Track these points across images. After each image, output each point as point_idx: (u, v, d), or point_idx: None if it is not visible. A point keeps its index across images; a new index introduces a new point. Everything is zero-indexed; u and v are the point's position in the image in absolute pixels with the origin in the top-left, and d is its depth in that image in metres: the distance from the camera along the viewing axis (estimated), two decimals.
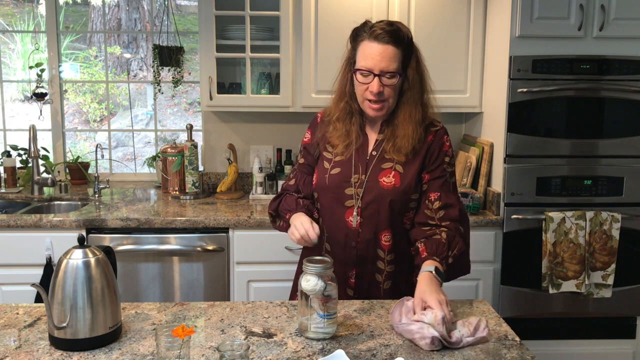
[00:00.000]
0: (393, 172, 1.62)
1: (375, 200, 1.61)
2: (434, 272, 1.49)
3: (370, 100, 1.59)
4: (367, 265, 1.65)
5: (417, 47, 1.62)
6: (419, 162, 1.64)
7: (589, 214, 2.51)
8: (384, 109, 1.61)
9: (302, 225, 1.56)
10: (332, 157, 1.68)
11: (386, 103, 1.59)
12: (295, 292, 1.78)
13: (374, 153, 1.66)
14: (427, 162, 1.65)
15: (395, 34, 1.55)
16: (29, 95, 3.29)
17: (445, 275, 1.54)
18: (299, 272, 1.75)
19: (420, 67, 1.63)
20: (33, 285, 1.29)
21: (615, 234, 2.53)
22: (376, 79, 1.55)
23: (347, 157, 1.66)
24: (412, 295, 1.63)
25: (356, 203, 1.62)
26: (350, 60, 1.64)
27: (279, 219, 1.78)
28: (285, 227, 1.71)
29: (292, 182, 1.78)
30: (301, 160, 1.78)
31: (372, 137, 1.68)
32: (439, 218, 1.62)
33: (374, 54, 1.54)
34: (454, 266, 1.61)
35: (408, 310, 1.40)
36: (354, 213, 1.62)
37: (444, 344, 1.30)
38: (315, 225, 1.56)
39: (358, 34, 1.60)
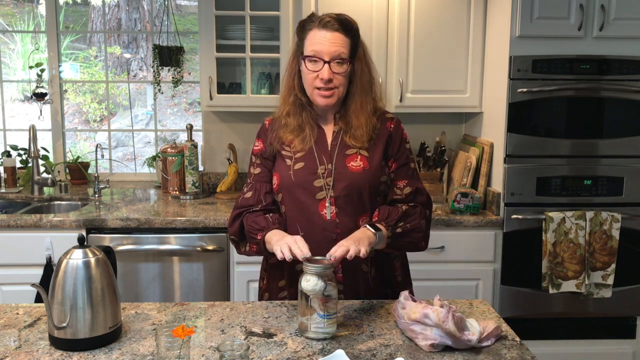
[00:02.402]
0: (359, 157, 1.62)
1: (347, 186, 1.58)
2: (368, 226, 1.52)
3: (320, 88, 1.58)
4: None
5: (362, 40, 1.64)
6: (382, 147, 1.64)
7: (589, 214, 2.51)
8: (334, 96, 1.59)
9: (296, 243, 1.44)
10: (292, 155, 1.64)
11: (336, 91, 1.59)
12: (261, 297, 1.76)
13: (334, 142, 1.64)
14: (390, 149, 1.66)
15: (343, 22, 1.57)
16: (29, 95, 3.29)
17: (387, 239, 1.54)
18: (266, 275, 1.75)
19: (367, 58, 1.65)
20: (33, 285, 1.29)
21: (615, 234, 2.53)
22: (326, 65, 1.55)
23: (307, 151, 1.63)
24: (399, 282, 1.72)
25: (328, 193, 1.59)
26: (297, 52, 1.63)
27: (243, 243, 1.66)
28: (255, 252, 1.61)
29: (249, 194, 1.66)
30: (257, 171, 1.69)
31: (328, 129, 1.67)
32: (408, 201, 1.65)
33: (324, 41, 1.55)
34: (403, 236, 1.60)
35: (406, 297, 1.41)
36: (327, 204, 1.58)
37: (447, 345, 1.30)
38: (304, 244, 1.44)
39: (305, 25, 1.60)
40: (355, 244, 1.42)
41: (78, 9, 4.70)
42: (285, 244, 1.43)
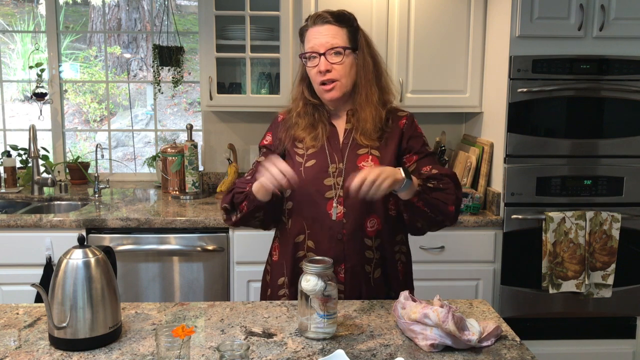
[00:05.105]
0: (370, 157, 1.61)
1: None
2: (401, 168, 1.47)
3: (322, 83, 1.59)
4: (355, 257, 1.61)
5: (366, 33, 1.65)
6: (394, 147, 1.63)
7: (589, 214, 2.51)
8: (337, 89, 1.60)
9: (274, 165, 1.44)
10: (304, 152, 1.64)
11: (338, 83, 1.59)
12: (265, 292, 1.76)
13: (346, 141, 1.64)
14: (406, 144, 1.65)
15: (336, 15, 1.59)
16: (29, 95, 3.29)
17: (418, 187, 1.50)
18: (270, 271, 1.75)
19: (372, 50, 1.65)
20: (33, 285, 1.29)
21: (615, 234, 2.53)
22: (322, 57, 1.57)
23: (319, 148, 1.63)
24: (400, 283, 1.69)
25: (337, 192, 1.58)
26: (302, 56, 1.65)
27: (234, 212, 1.63)
28: (246, 211, 1.58)
29: (249, 178, 1.65)
30: (261, 160, 1.66)
31: (341, 127, 1.67)
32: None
33: (316, 34, 1.58)
34: (434, 191, 1.55)
35: (406, 297, 1.41)
36: (334, 204, 1.58)
37: (447, 345, 1.30)
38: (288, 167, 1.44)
39: (303, 29, 1.64)
40: (378, 173, 1.38)
41: (78, 9, 4.70)
42: (265, 172, 1.44)
